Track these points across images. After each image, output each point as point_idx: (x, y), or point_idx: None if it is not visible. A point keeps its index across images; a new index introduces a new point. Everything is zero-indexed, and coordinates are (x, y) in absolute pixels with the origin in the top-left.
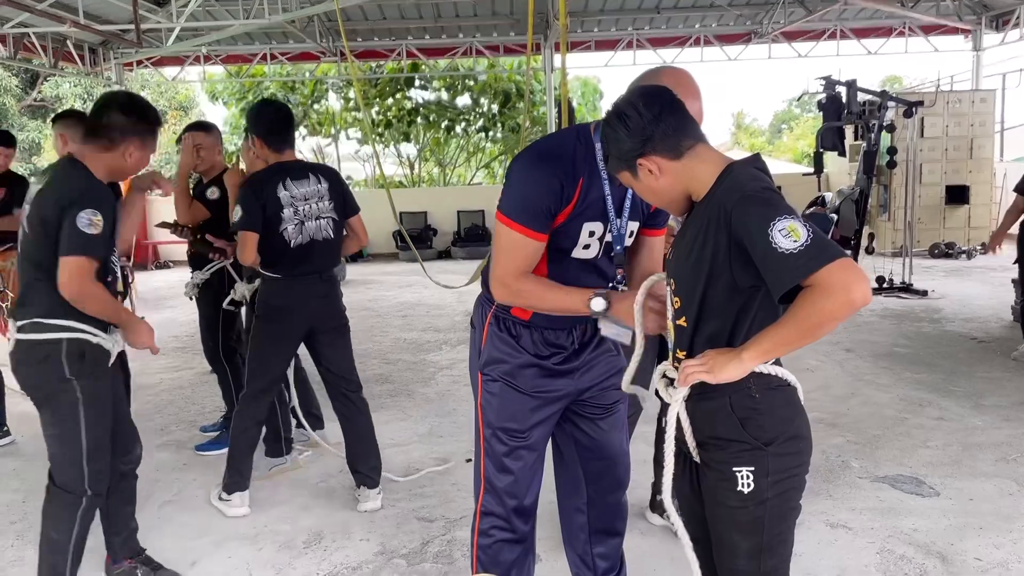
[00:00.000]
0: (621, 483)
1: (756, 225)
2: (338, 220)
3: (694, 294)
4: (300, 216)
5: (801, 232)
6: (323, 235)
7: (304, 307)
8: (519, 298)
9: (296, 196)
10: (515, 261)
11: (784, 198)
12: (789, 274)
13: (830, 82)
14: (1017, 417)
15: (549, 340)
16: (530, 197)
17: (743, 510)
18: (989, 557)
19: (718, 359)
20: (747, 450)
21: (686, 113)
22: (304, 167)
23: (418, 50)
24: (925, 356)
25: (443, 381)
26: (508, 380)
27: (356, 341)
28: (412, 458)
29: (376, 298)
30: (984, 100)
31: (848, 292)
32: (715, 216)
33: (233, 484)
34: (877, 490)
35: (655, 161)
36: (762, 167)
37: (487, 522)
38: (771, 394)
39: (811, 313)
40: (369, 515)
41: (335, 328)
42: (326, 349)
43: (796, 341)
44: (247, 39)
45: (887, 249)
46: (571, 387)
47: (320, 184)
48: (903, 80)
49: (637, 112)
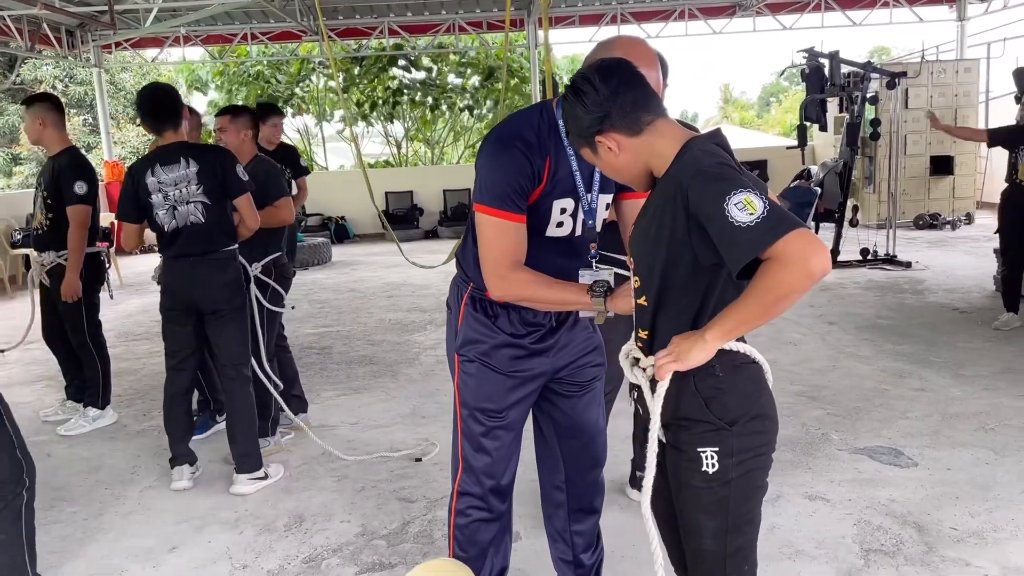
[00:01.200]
0: (598, 461)
1: (711, 200)
2: (210, 204)
3: (654, 273)
4: (171, 201)
5: (757, 205)
6: (191, 219)
7: (184, 288)
8: (517, 291)
9: (165, 182)
10: (504, 249)
11: (742, 172)
12: (746, 247)
13: (813, 54)
14: (996, 386)
15: (526, 319)
16: (501, 180)
17: (708, 490)
18: (964, 526)
19: (682, 345)
20: (711, 431)
21: (645, 87)
22: (178, 150)
23: (400, 27)
24: (907, 328)
25: (427, 361)
26: (484, 360)
27: (341, 323)
28: (395, 439)
29: (362, 279)
30: (968, 70)
31: (806, 262)
32: (672, 193)
33: (171, 459)
34: (856, 462)
35: (614, 138)
36: (721, 142)
37: (464, 502)
38: (736, 372)
39: (771, 286)
40: (351, 496)
41: (220, 312)
42: (210, 331)
43: (759, 317)
44: (226, 19)
45: (872, 221)
46: (548, 366)
47: (188, 168)
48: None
49: (593, 88)
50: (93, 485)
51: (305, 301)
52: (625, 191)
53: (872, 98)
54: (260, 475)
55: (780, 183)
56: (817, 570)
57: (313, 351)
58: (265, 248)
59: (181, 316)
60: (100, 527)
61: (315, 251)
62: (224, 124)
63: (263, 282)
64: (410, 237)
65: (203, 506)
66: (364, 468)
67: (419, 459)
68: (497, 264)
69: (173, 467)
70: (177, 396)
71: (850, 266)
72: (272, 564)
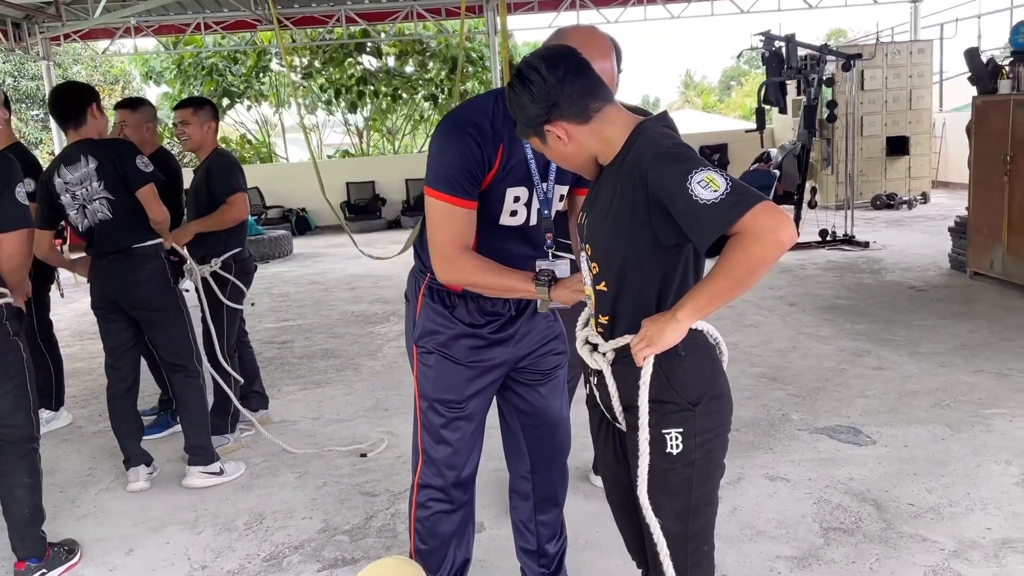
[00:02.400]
0: (562, 448)
1: (674, 181)
2: (114, 199)
3: (614, 257)
4: (80, 200)
5: (720, 182)
6: (99, 217)
7: (102, 284)
8: (463, 274)
9: (70, 181)
10: (450, 234)
11: (695, 152)
12: (714, 224)
13: (769, 37)
14: (951, 362)
15: (485, 309)
16: (451, 165)
17: (672, 472)
18: (922, 502)
19: (653, 327)
20: (675, 411)
21: (592, 74)
22: (79, 149)
23: (357, 15)
24: (865, 307)
25: (390, 353)
26: (443, 351)
27: (302, 316)
28: (357, 433)
29: (323, 271)
30: (922, 51)
31: (775, 233)
32: (630, 176)
33: (125, 460)
34: (815, 441)
35: (562, 127)
36: (670, 125)
37: (424, 494)
38: (696, 350)
39: (742, 260)
40: (312, 492)
41: (143, 310)
42: (144, 329)
43: (730, 291)
44: (179, 8)
45: (831, 202)
46: (508, 355)
47: (88, 166)
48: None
49: (540, 76)
50: (47, 489)
51: (266, 295)
52: (581, 186)
53: (828, 80)
54: (214, 469)
55: (740, 166)
56: (778, 550)
57: (274, 345)
58: (225, 243)
59: (108, 313)
60: (54, 531)
61: (276, 244)
62: (187, 117)
63: (223, 278)
64: (373, 228)
65: (160, 507)
66: (326, 463)
67: (364, 455)
68: (444, 247)
69: (128, 468)
70: (118, 395)
71: (809, 247)
72: (232, 564)
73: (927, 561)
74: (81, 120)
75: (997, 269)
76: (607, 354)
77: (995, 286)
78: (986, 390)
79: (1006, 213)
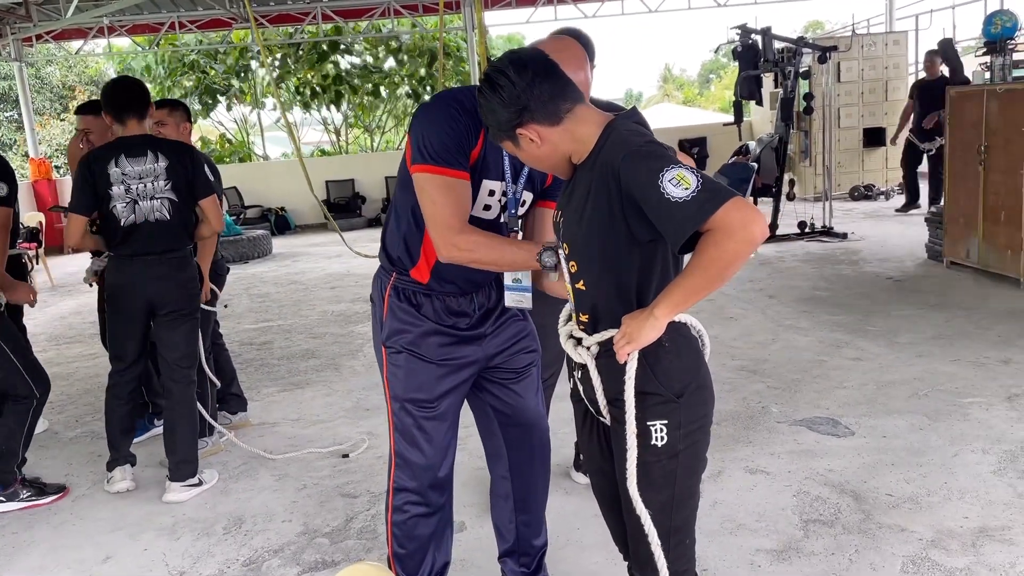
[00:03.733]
0: (541, 448)
1: (646, 178)
2: (178, 202)
3: (591, 255)
4: (133, 195)
5: (691, 179)
6: (156, 216)
7: (140, 287)
8: (472, 250)
9: (129, 174)
10: (452, 207)
11: (667, 149)
12: (686, 222)
13: (746, 30)
14: (929, 352)
15: (451, 308)
16: (442, 137)
17: (656, 464)
18: (900, 492)
19: (632, 324)
20: (660, 403)
21: (560, 75)
22: (145, 143)
23: (334, 12)
24: (844, 298)
25: (371, 352)
26: (412, 350)
27: (282, 316)
28: (338, 434)
29: (303, 271)
30: (897, 42)
31: (747, 229)
32: (603, 175)
33: (112, 460)
34: (795, 433)
35: (534, 129)
36: (641, 121)
37: (400, 498)
38: (680, 341)
39: (716, 256)
40: (292, 495)
41: (174, 312)
42: (161, 331)
43: (705, 287)
44: (152, 7)
45: (809, 194)
46: (479, 354)
47: (157, 163)
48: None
49: (509, 80)
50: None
51: (245, 295)
52: (547, 198)
53: (805, 73)
54: (194, 482)
55: (720, 159)
56: (758, 543)
57: (253, 347)
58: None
59: (133, 317)
60: (32, 539)
61: (255, 244)
62: (163, 118)
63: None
64: (353, 226)
65: (138, 513)
66: (305, 465)
67: (346, 455)
68: (448, 224)
69: (113, 468)
70: (121, 398)
71: (788, 239)
72: (211, 569)
73: (905, 551)
74: (145, 112)
75: (973, 258)
76: (591, 348)
77: (971, 275)
78: (963, 379)
79: (981, 203)
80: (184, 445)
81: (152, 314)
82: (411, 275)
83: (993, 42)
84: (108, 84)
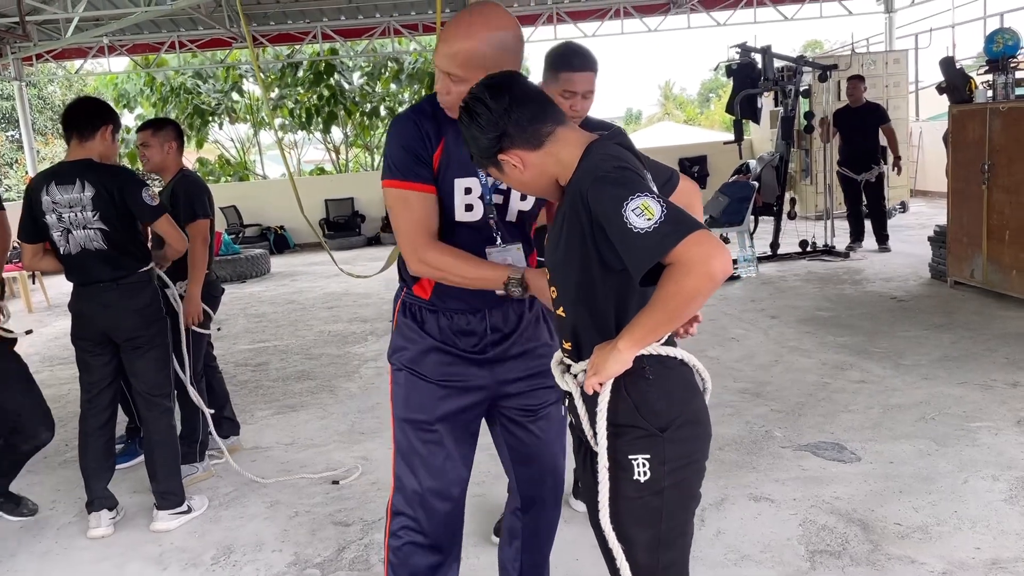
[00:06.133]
0: (552, 493)
1: (611, 206)
2: (109, 231)
3: (568, 281)
4: (65, 224)
5: (655, 209)
6: (95, 245)
7: (92, 315)
8: (434, 266)
9: (59, 203)
10: (412, 220)
11: (640, 175)
12: (646, 254)
13: (746, 49)
14: (935, 375)
15: (458, 326)
16: (397, 150)
17: (639, 500)
18: (909, 521)
19: (599, 356)
20: (642, 436)
21: (539, 97)
22: (75, 170)
23: (334, 32)
24: (847, 319)
25: (367, 374)
26: (412, 368)
27: (279, 337)
28: (331, 459)
29: (301, 290)
30: (897, 61)
31: (707, 265)
32: (575, 200)
33: (88, 503)
34: (800, 459)
35: (516, 154)
36: (623, 142)
37: (397, 522)
38: (666, 374)
39: (675, 292)
40: (283, 523)
41: (132, 340)
42: (127, 361)
43: (667, 322)
44: (152, 27)
45: (810, 213)
46: (486, 379)
47: (83, 192)
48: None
49: (486, 107)
50: (7, 522)
51: (242, 315)
52: None
53: (805, 91)
54: (183, 509)
55: (720, 178)
56: (763, 575)
57: (248, 368)
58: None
59: (94, 346)
60: (13, 569)
61: (253, 263)
62: (146, 139)
63: None
64: (352, 245)
65: (124, 542)
66: (297, 492)
67: (336, 482)
68: (408, 237)
69: (90, 512)
70: (93, 432)
71: (790, 258)
72: None
73: None
74: (88, 135)
75: (978, 278)
76: (578, 376)
77: (976, 295)
78: (971, 402)
79: (985, 222)
80: (165, 475)
81: (112, 344)
82: (414, 292)
83: (995, 60)
84: (71, 102)
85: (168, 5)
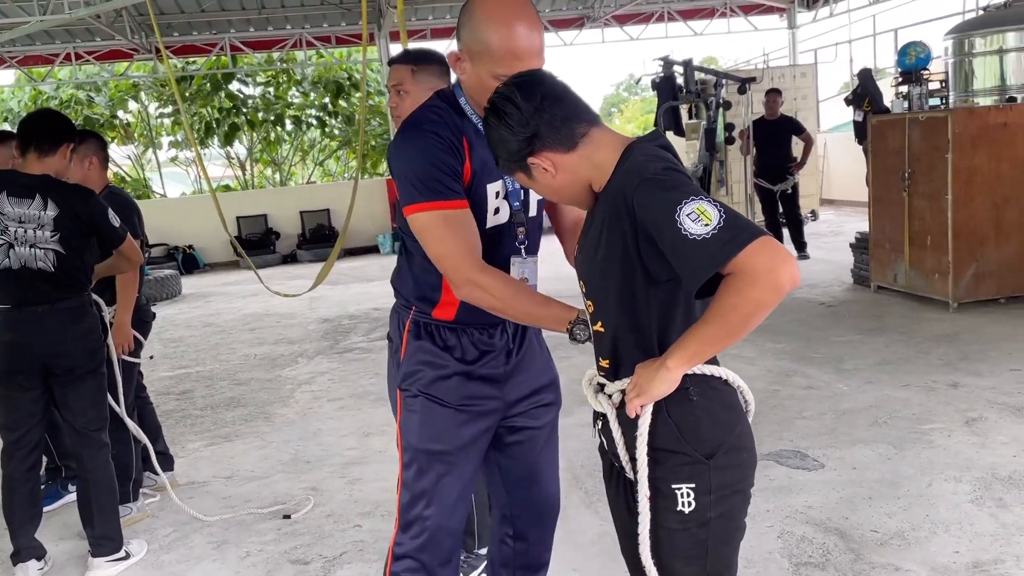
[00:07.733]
0: (550, 513)
1: (661, 212)
2: (65, 254)
3: (608, 295)
4: (8, 238)
5: (712, 214)
6: (39, 264)
7: (29, 342)
8: (488, 293)
9: (8, 215)
10: (457, 243)
11: (690, 178)
12: (704, 263)
13: (668, 62)
14: (878, 379)
15: (480, 341)
16: (424, 168)
17: (683, 532)
18: (884, 528)
19: (643, 375)
20: (686, 464)
21: (572, 96)
22: (36, 185)
23: (243, 43)
24: (782, 325)
25: (303, 399)
26: (429, 394)
27: (200, 362)
28: (277, 491)
29: (219, 312)
30: (805, 74)
31: (774, 275)
32: (617, 205)
33: (14, 553)
34: (764, 468)
35: (548, 157)
36: (664, 144)
37: (400, 565)
38: (711, 395)
39: (737, 304)
40: (234, 566)
41: (72, 371)
42: (62, 394)
43: (725, 338)
44: (46, 37)
45: None
46: (499, 401)
47: (44, 211)
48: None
49: (515, 106)
50: None
51: (157, 340)
52: None
53: (725, 104)
54: (120, 556)
55: None
56: None
57: (172, 396)
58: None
59: (24, 380)
60: None
61: (163, 284)
62: None
63: None
64: (267, 263)
65: None
66: (245, 529)
67: (287, 516)
68: (459, 263)
69: (15, 564)
70: (20, 477)
71: None
72: None
73: None
74: (48, 150)
75: (901, 282)
76: (613, 396)
77: (900, 299)
78: (918, 405)
79: (906, 228)
80: (103, 517)
81: (48, 374)
82: (434, 315)
83: (909, 72)
84: (30, 113)
85: (67, 14)
